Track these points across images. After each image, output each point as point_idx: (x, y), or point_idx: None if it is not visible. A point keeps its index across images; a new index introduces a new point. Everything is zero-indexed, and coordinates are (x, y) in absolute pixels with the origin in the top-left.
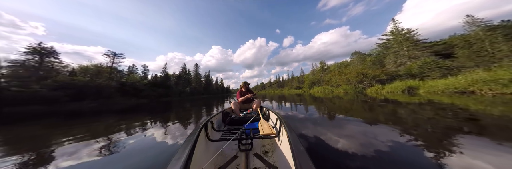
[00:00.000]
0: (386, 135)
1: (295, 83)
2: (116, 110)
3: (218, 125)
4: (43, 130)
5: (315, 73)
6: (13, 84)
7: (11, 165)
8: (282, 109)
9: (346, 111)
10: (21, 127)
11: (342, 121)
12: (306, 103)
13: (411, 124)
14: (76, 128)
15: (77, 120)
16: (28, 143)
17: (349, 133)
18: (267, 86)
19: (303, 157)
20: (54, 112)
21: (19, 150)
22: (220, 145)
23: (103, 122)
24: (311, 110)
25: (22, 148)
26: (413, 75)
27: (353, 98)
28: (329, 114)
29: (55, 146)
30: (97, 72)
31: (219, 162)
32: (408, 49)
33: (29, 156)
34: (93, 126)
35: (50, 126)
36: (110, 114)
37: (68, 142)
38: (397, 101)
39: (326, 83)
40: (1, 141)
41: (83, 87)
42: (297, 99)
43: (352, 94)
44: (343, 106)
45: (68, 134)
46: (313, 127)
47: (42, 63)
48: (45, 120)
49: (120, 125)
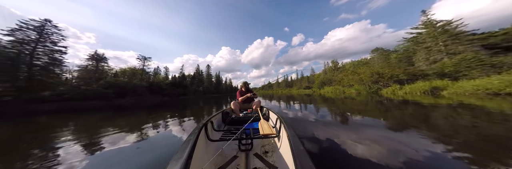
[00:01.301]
0: (413, 142)
1: (305, 83)
2: (149, 106)
3: (218, 125)
4: (102, 118)
5: (327, 72)
6: (81, 84)
7: (85, 143)
8: (290, 109)
9: (359, 112)
10: (92, 115)
11: (356, 124)
12: (316, 103)
13: (447, 131)
14: (125, 117)
15: (124, 112)
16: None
17: (366, 138)
18: (266, 86)
19: (303, 157)
20: (107, 106)
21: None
22: (220, 145)
23: (144, 114)
24: (322, 112)
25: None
26: (445, 74)
27: (367, 99)
28: (341, 115)
29: (111, 128)
30: (133, 74)
31: (219, 162)
32: (445, 43)
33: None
34: (136, 116)
35: (106, 116)
36: (146, 109)
37: (120, 126)
38: (420, 103)
39: (338, 83)
40: (75, 127)
41: (124, 86)
42: (306, 99)
43: (365, 95)
44: (356, 107)
45: (120, 120)
46: (325, 129)
47: (97, 67)
48: (102, 112)
49: (157, 116)
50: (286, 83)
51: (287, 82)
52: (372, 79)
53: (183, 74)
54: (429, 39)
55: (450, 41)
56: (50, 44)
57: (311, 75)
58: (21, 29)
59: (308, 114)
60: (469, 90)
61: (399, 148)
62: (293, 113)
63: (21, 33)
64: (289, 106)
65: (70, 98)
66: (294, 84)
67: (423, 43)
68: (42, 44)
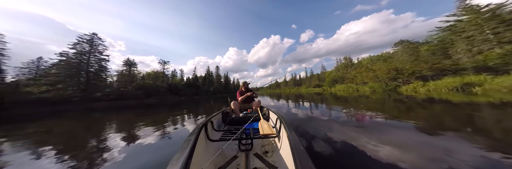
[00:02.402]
0: (457, 149)
1: (315, 81)
2: (171, 104)
3: (218, 125)
4: (136, 114)
5: (339, 70)
6: (120, 86)
7: (123, 135)
8: (299, 108)
9: (376, 112)
10: (128, 112)
11: (373, 125)
12: (327, 102)
13: (505, 136)
14: (154, 113)
15: (155, 109)
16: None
17: (387, 141)
18: (273, 86)
19: (303, 157)
20: (139, 104)
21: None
22: (220, 145)
23: (169, 110)
24: (334, 111)
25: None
26: (489, 68)
27: (384, 97)
28: (355, 115)
29: (144, 122)
30: (156, 76)
31: (219, 162)
32: (494, 31)
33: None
34: (164, 111)
35: (139, 112)
36: (170, 107)
37: (152, 121)
38: (450, 101)
39: (350, 81)
40: (118, 121)
41: (150, 88)
42: (316, 98)
43: (381, 93)
44: (372, 106)
45: (150, 116)
46: (335, 130)
47: (130, 71)
48: (135, 109)
49: (181, 113)
50: (294, 81)
51: (295, 80)
52: (389, 76)
53: (195, 75)
54: (472, 27)
55: (502, 27)
56: (98, 53)
57: (321, 72)
58: (79, 43)
59: (318, 114)
60: (508, 85)
61: (437, 154)
62: (303, 112)
63: (79, 46)
64: (298, 105)
65: (114, 98)
66: (303, 82)
67: (463, 32)
68: (93, 54)
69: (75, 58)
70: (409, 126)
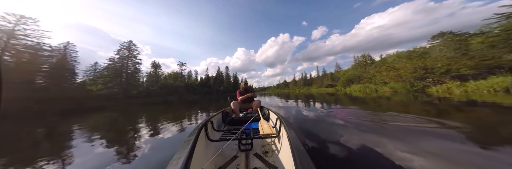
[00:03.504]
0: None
1: (327, 80)
2: (189, 101)
3: (218, 125)
4: (164, 109)
5: (357, 68)
6: (148, 85)
7: (151, 126)
8: (309, 109)
9: (400, 115)
10: (155, 107)
11: (391, 129)
12: (342, 103)
13: None
14: (177, 107)
15: (177, 105)
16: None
17: (421, 149)
18: (281, 85)
19: (303, 157)
20: (163, 101)
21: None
22: (220, 145)
23: (188, 106)
24: (350, 113)
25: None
26: None
27: (409, 99)
28: (375, 118)
29: (177, 114)
30: (175, 77)
31: (219, 162)
32: None
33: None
34: (185, 107)
35: (165, 108)
36: (188, 103)
37: (174, 115)
38: (499, 104)
39: (368, 81)
40: (149, 113)
41: (171, 87)
42: (329, 99)
43: (404, 94)
44: (396, 109)
45: (175, 110)
46: (352, 133)
47: (156, 72)
48: (163, 105)
49: (200, 107)
50: (304, 81)
51: (305, 80)
52: (415, 75)
53: (207, 76)
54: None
55: None
56: (134, 58)
57: (335, 71)
58: (121, 49)
59: (331, 116)
60: None
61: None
62: (314, 114)
63: (121, 52)
64: (308, 106)
65: (145, 95)
66: (314, 82)
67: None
68: (130, 58)
69: (118, 62)
70: (446, 132)
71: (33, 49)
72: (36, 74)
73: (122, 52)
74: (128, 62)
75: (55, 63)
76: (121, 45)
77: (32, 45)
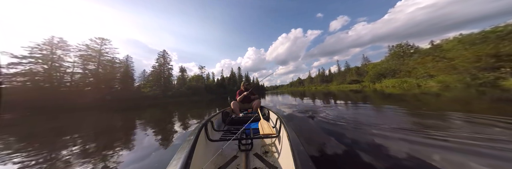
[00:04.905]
0: None
1: (352, 75)
2: (209, 100)
3: (218, 125)
4: (189, 107)
5: (392, 60)
6: (178, 87)
7: (179, 120)
8: (329, 110)
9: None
10: (183, 106)
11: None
12: (373, 103)
13: None
14: (202, 104)
15: (202, 103)
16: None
17: None
18: (295, 83)
19: (303, 157)
20: (189, 100)
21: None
22: (220, 145)
23: (210, 104)
24: (393, 118)
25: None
26: None
27: (472, 95)
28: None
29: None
30: (197, 79)
31: (219, 162)
32: None
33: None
34: (206, 104)
35: (190, 105)
36: (210, 102)
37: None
38: None
39: (406, 75)
40: (179, 111)
41: (194, 88)
42: (354, 97)
43: (462, 89)
44: (464, 108)
45: (200, 107)
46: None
47: (183, 76)
48: (190, 103)
49: (217, 104)
50: (322, 77)
51: (323, 76)
52: (479, 65)
53: (222, 77)
54: None
55: None
56: (167, 64)
57: (362, 65)
58: (159, 58)
59: (372, 123)
60: None
61: None
62: (345, 118)
63: (159, 60)
64: (330, 103)
65: (175, 96)
66: (334, 78)
67: None
68: (165, 65)
69: (158, 68)
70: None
71: (111, 62)
72: (114, 81)
73: (159, 60)
74: (164, 68)
75: (122, 72)
76: (159, 54)
77: (110, 59)
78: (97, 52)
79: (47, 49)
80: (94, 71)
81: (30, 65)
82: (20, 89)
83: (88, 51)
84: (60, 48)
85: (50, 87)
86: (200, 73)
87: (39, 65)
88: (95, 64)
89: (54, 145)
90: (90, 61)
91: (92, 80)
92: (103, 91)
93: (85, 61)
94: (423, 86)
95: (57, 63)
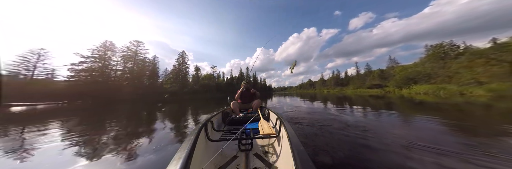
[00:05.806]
0: None
1: (374, 79)
2: (219, 98)
3: (218, 125)
4: (203, 104)
5: (428, 62)
6: (193, 84)
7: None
8: (345, 115)
9: None
10: (197, 102)
11: None
12: (400, 110)
13: None
14: (213, 101)
15: (214, 100)
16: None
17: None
18: (305, 85)
19: (303, 157)
20: (202, 97)
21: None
22: (220, 145)
23: (218, 101)
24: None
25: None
26: None
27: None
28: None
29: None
30: (210, 78)
31: (219, 162)
32: None
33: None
34: (216, 101)
35: (203, 102)
36: (217, 99)
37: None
38: None
39: (444, 80)
40: (194, 107)
41: (206, 86)
42: (376, 104)
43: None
44: None
45: (212, 103)
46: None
47: (197, 74)
48: (203, 100)
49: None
50: (336, 80)
51: (338, 79)
52: None
53: (232, 76)
54: None
55: None
56: (184, 63)
57: (388, 67)
58: (179, 57)
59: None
60: None
61: None
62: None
63: (178, 59)
64: (342, 108)
65: (191, 92)
66: (351, 81)
67: None
68: (183, 64)
69: (177, 67)
70: None
71: (143, 61)
72: (144, 77)
73: (179, 59)
74: (182, 66)
75: (151, 70)
76: (178, 54)
77: (142, 59)
78: (134, 52)
79: (101, 50)
80: (131, 69)
81: (91, 64)
82: (85, 82)
83: (128, 52)
84: (110, 50)
85: (101, 81)
86: (212, 72)
87: (96, 63)
88: (132, 63)
89: (137, 121)
90: (129, 60)
91: (128, 76)
92: (136, 86)
93: (125, 60)
94: (468, 94)
95: (107, 61)
